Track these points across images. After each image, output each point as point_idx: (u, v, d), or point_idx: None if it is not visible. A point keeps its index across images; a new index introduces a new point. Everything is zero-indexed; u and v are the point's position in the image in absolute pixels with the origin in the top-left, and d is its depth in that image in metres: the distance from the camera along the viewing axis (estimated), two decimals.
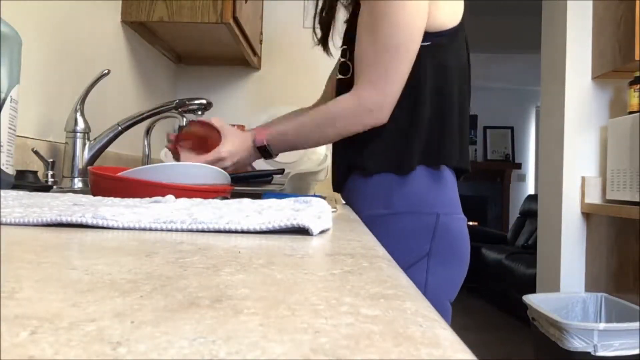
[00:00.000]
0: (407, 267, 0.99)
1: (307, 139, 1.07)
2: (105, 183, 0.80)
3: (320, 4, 1.21)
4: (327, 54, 1.24)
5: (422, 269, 1.00)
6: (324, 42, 1.23)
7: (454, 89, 1.03)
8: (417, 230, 1.00)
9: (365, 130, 1.01)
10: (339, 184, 1.14)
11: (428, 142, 1.01)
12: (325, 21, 1.22)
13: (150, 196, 0.67)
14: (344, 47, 1.10)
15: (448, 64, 1.02)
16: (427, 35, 0.99)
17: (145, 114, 1.29)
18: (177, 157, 1.12)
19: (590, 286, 2.42)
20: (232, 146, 1.09)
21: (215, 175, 0.89)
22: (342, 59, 1.09)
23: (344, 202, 1.17)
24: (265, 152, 1.08)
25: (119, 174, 0.81)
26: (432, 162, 1.01)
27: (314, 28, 1.22)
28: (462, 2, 1.05)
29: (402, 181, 1.01)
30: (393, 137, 1.01)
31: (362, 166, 1.04)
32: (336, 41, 1.20)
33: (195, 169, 0.90)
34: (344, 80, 1.07)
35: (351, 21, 1.08)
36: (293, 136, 1.07)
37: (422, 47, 0.99)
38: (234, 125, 1.19)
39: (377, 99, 0.97)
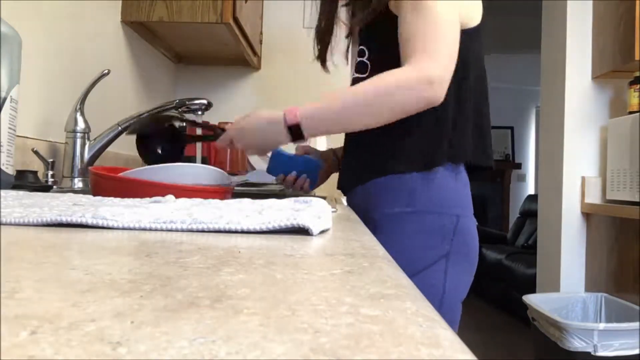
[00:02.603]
0: (425, 267, 0.98)
1: (352, 118, 0.93)
2: (105, 183, 0.80)
3: (322, 22, 1.19)
4: (325, 70, 1.23)
5: (440, 271, 0.98)
6: (322, 58, 1.22)
7: (471, 87, 1.02)
8: (438, 230, 0.99)
9: (419, 111, 0.91)
10: (350, 186, 1.08)
11: (450, 139, 0.99)
12: (324, 39, 1.21)
13: (150, 196, 0.67)
14: (362, 47, 1.07)
15: (469, 62, 1.00)
16: None
17: (145, 114, 1.29)
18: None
19: (590, 286, 2.42)
20: (243, 122, 1.00)
21: (215, 176, 0.89)
22: (360, 59, 1.07)
23: (345, 203, 1.15)
24: (297, 132, 0.93)
25: (119, 174, 0.81)
26: (453, 159, 1.00)
27: (314, 44, 1.21)
28: (481, 3, 1.04)
29: (425, 179, 0.98)
30: (419, 136, 0.99)
31: (386, 168, 1.00)
32: (334, 58, 1.21)
33: (195, 169, 0.90)
34: (360, 79, 1.02)
35: (370, 21, 1.04)
36: (335, 114, 0.93)
37: None
38: (226, 123, 1.15)
39: (437, 70, 0.88)
